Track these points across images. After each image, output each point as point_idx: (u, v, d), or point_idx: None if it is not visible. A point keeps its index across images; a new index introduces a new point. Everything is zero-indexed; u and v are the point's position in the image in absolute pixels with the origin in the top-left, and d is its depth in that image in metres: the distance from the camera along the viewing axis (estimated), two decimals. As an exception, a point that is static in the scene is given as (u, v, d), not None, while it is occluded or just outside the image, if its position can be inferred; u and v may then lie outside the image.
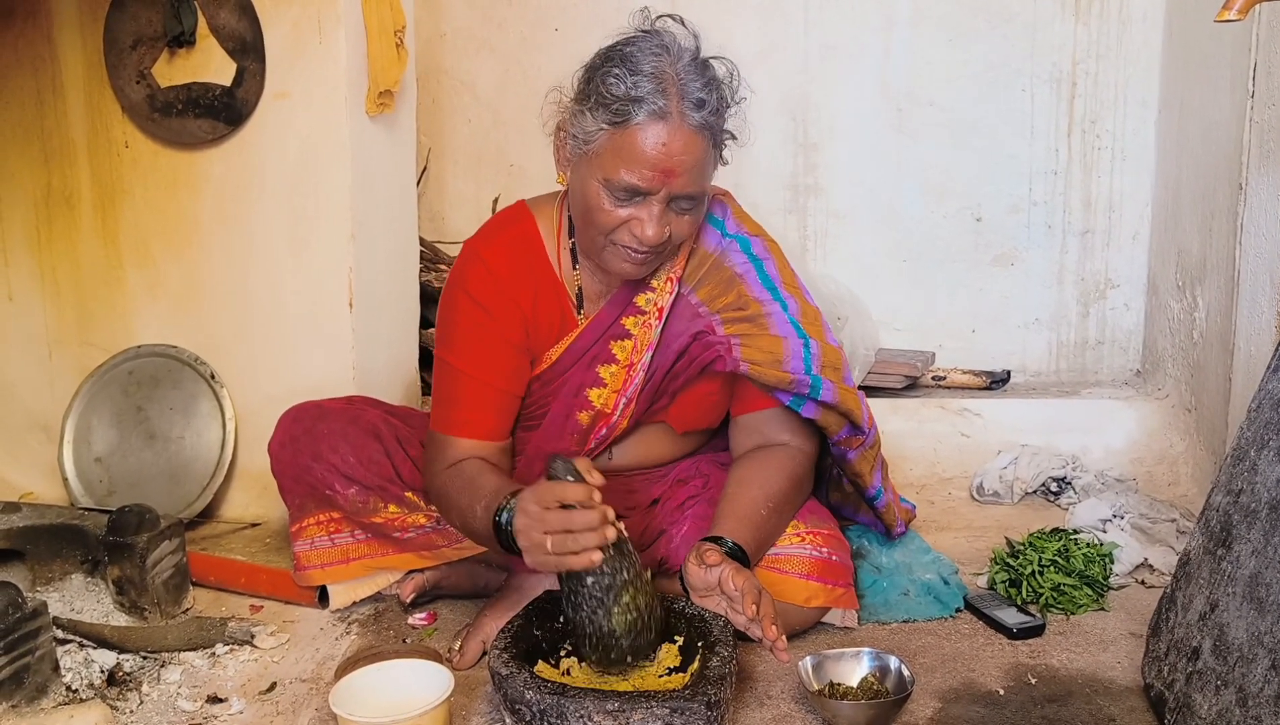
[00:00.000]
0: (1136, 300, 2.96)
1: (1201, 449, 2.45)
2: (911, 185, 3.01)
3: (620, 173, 1.55)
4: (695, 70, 1.57)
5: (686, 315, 1.77)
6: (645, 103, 1.53)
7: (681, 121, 1.54)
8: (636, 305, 1.76)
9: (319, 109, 2.28)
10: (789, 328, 1.76)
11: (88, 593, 1.89)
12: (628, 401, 1.78)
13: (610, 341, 1.76)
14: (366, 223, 2.37)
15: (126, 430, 2.42)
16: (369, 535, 1.90)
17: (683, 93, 1.54)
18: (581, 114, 1.58)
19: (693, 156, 1.55)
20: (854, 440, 1.83)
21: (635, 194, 1.57)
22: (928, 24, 2.94)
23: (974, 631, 1.81)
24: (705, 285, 1.77)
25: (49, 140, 2.44)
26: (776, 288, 1.79)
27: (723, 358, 1.75)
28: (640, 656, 1.52)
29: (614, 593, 1.46)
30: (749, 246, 1.81)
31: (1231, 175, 2.31)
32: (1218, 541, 1.45)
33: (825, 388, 1.75)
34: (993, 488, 2.50)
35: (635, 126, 1.53)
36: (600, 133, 1.56)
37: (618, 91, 1.54)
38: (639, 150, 1.53)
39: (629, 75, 1.54)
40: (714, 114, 1.57)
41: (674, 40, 1.59)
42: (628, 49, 1.58)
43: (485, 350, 1.73)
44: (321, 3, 2.24)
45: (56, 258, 2.48)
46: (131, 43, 2.33)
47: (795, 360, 1.74)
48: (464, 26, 3.12)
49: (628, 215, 1.59)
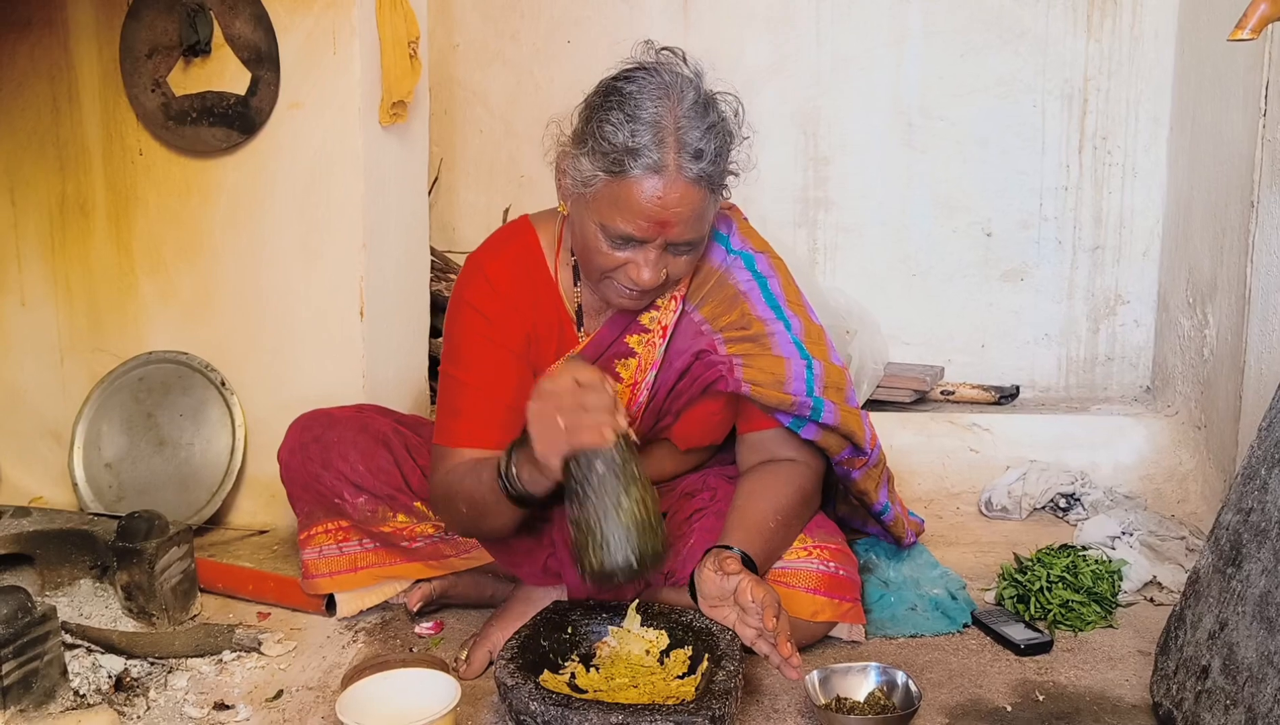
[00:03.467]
0: (1147, 317, 2.96)
1: (1211, 467, 2.44)
2: (922, 199, 3.01)
3: (616, 221, 1.55)
4: (696, 115, 1.54)
5: (689, 333, 1.76)
6: (642, 155, 1.51)
7: (679, 174, 1.52)
8: (640, 323, 1.76)
9: (332, 119, 2.30)
10: (792, 348, 1.76)
11: (96, 598, 1.90)
12: (631, 419, 1.77)
13: (614, 360, 1.76)
14: (378, 232, 2.38)
15: (136, 436, 2.43)
16: (377, 544, 1.90)
17: (681, 144, 1.52)
18: (578, 157, 1.57)
19: (689, 208, 1.54)
20: (856, 461, 1.83)
21: (631, 241, 1.57)
22: (940, 39, 2.94)
23: (981, 647, 1.81)
24: (709, 303, 1.77)
25: (64, 148, 2.45)
26: (780, 306, 1.78)
27: (725, 378, 1.73)
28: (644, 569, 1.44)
29: (624, 481, 1.41)
30: (753, 263, 1.80)
31: (1243, 193, 2.30)
32: (1227, 560, 1.44)
33: (827, 410, 1.74)
34: (1001, 503, 2.49)
35: (631, 179, 1.52)
36: (596, 179, 1.55)
37: (615, 140, 1.52)
38: (634, 202, 1.52)
39: (627, 122, 1.52)
40: (713, 162, 1.54)
41: (676, 80, 1.56)
42: (629, 88, 1.55)
43: (488, 361, 1.73)
44: (336, 14, 2.26)
45: (70, 264, 2.49)
46: (147, 51, 2.34)
47: (798, 382, 1.73)
48: (477, 38, 3.14)
49: (624, 258, 1.59)
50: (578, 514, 1.44)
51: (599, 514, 1.42)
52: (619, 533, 1.41)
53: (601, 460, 1.41)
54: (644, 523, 1.42)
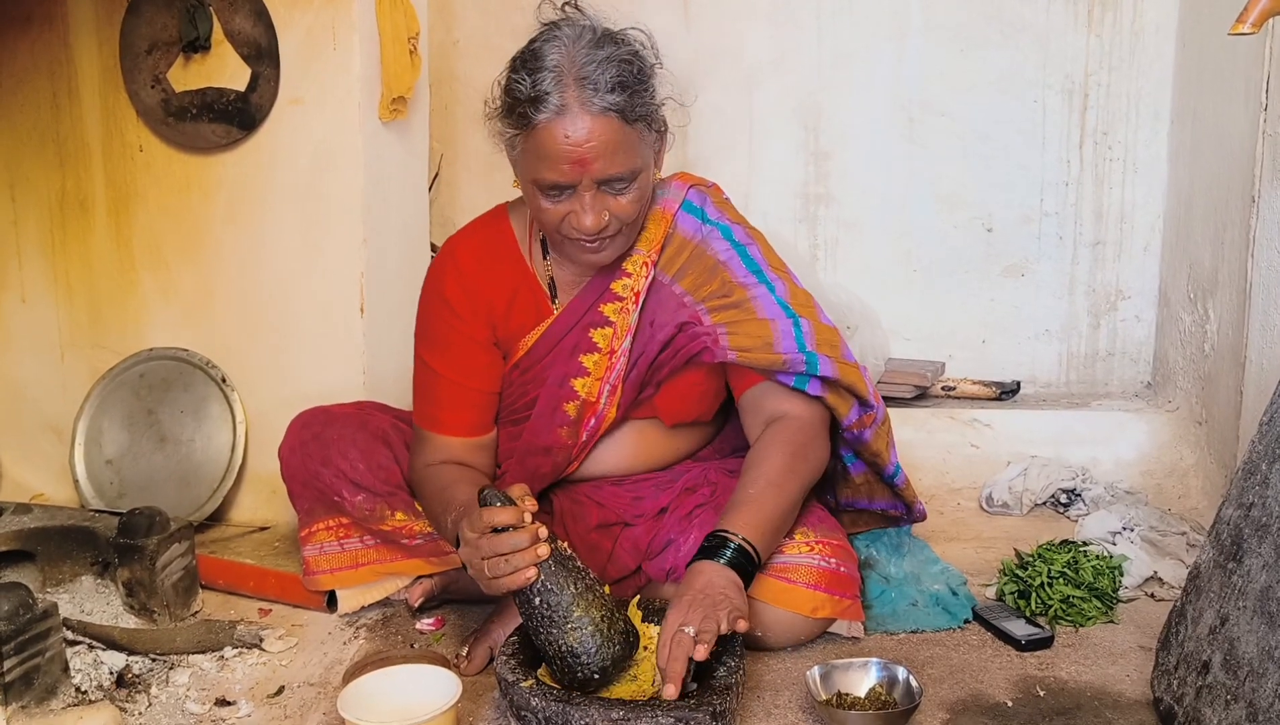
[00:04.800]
0: (1147, 312, 2.96)
1: (1212, 462, 2.44)
2: (923, 195, 3.01)
3: (541, 172, 1.60)
4: (593, 49, 1.58)
5: (671, 306, 1.78)
6: (545, 101, 1.55)
7: (583, 109, 1.55)
8: (614, 292, 1.78)
9: (332, 115, 2.30)
10: (777, 309, 1.77)
11: (97, 594, 1.90)
12: (612, 388, 1.79)
13: (589, 329, 1.79)
14: (378, 228, 2.38)
15: (137, 433, 2.43)
16: (377, 541, 1.90)
17: (580, 79, 1.56)
18: (499, 124, 1.64)
19: (603, 140, 1.57)
20: (865, 418, 1.82)
21: (562, 189, 1.60)
22: (940, 34, 2.94)
23: (982, 643, 1.81)
24: (688, 274, 1.79)
25: (64, 144, 2.45)
26: (762, 271, 1.80)
27: (710, 349, 1.75)
28: (610, 673, 1.50)
29: (562, 610, 1.47)
30: (730, 233, 1.82)
31: (1244, 188, 2.30)
32: (1228, 555, 1.45)
33: (823, 362, 1.74)
34: (1002, 499, 2.49)
35: (539, 126, 1.57)
36: (516, 138, 1.61)
37: (519, 95, 1.58)
38: (548, 148, 1.57)
39: (528, 76, 1.57)
40: (615, 90, 1.57)
41: (575, 28, 1.61)
42: (531, 46, 1.62)
43: (456, 351, 1.80)
44: (336, 10, 2.25)
45: (70, 261, 2.49)
46: (147, 47, 2.34)
47: (787, 340, 1.75)
48: (477, 34, 3.13)
49: (565, 210, 1.63)
50: (535, 640, 1.51)
51: (551, 642, 1.48)
52: (575, 652, 1.47)
53: (535, 593, 1.48)
54: (596, 630, 1.48)
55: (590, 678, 1.48)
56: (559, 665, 1.49)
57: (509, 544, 1.46)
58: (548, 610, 1.47)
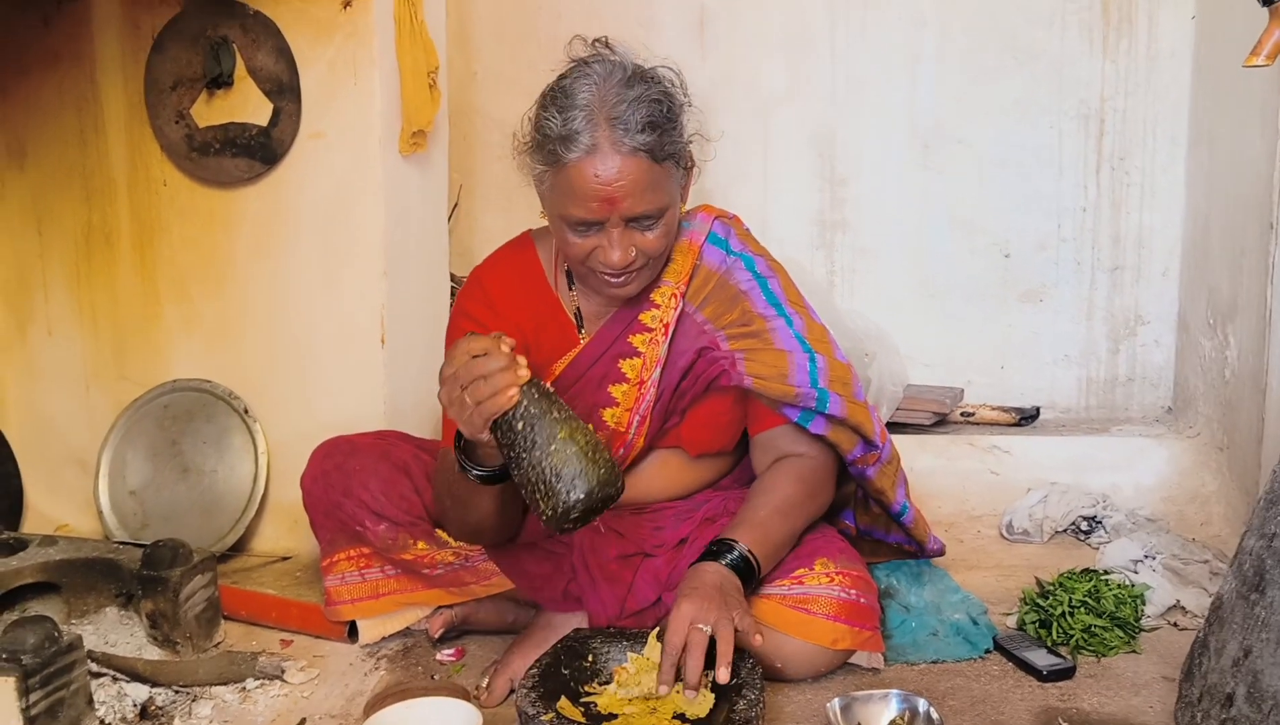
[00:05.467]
0: (1167, 337, 2.95)
1: (1234, 488, 2.43)
2: (939, 221, 3.01)
3: (569, 209, 1.61)
4: (624, 88, 1.59)
5: (692, 333, 1.80)
6: (576, 139, 1.57)
7: (613, 149, 1.57)
8: (642, 322, 1.79)
9: (353, 149, 2.32)
10: (794, 342, 1.79)
11: (121, 626, 1.92)
12: (641, 419, 1.80)
13: (618, 360, 1.79)
14: (399, 260, 2.40)
15: (161, 464, 2.46)
16: (399, 571, 1.91)
17: (611, 119, 1.57)
18: (529, 159, 1.65)
19: (632, 179, 1.58)
20: (869, 457, 1.84)
21: (590, 225, 1.61)
22: (954, 61, 2.95)
23: (1003, 673, 1.80)
24: (710, 303, 1.80)
25: (90, 179, 2.49)
26: (781, 304, 1.82)
27: (727, 373, 1.77)
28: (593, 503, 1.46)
29: (545, 432, 1.44)
30: (753, 265, 1.84)
31: (1262, 213, 2.29)
32: (1250, 586, 1.44)
33: (833, 401, 1.76)
34: (1022, 526, 2.48)
35: (569, 164, 1.58)
36: (546, 173, 1.62)
37: (550, 131, 1.59)
38: (578, 186, 1.58)
39: (559, 113, 1.58)
40: (647, 130, 1.58)
41: (606, 65, 1.62)
42: (562, 82, 1.63)
43: None
44: (357, 45, 2.28)
45: (95, 293, 2.53)
46: (171, 84, 2.38)
47: (800, 373, 1.76)
48: (495, 66, 3.17)
49: (592, 244, 1.64)
50: (518, 475, 1.48)
51: (534, 465, 1.45)
52: (560, 473, 1.44)
53: (518, 418, 1.45)
54: (581, 453, 1.45)
55: (573, 505, 1.44)
56: (541, 493, 1.45)
57: (490, 364, 1.45)
58: (530, 432, 1.44)
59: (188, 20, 2.35)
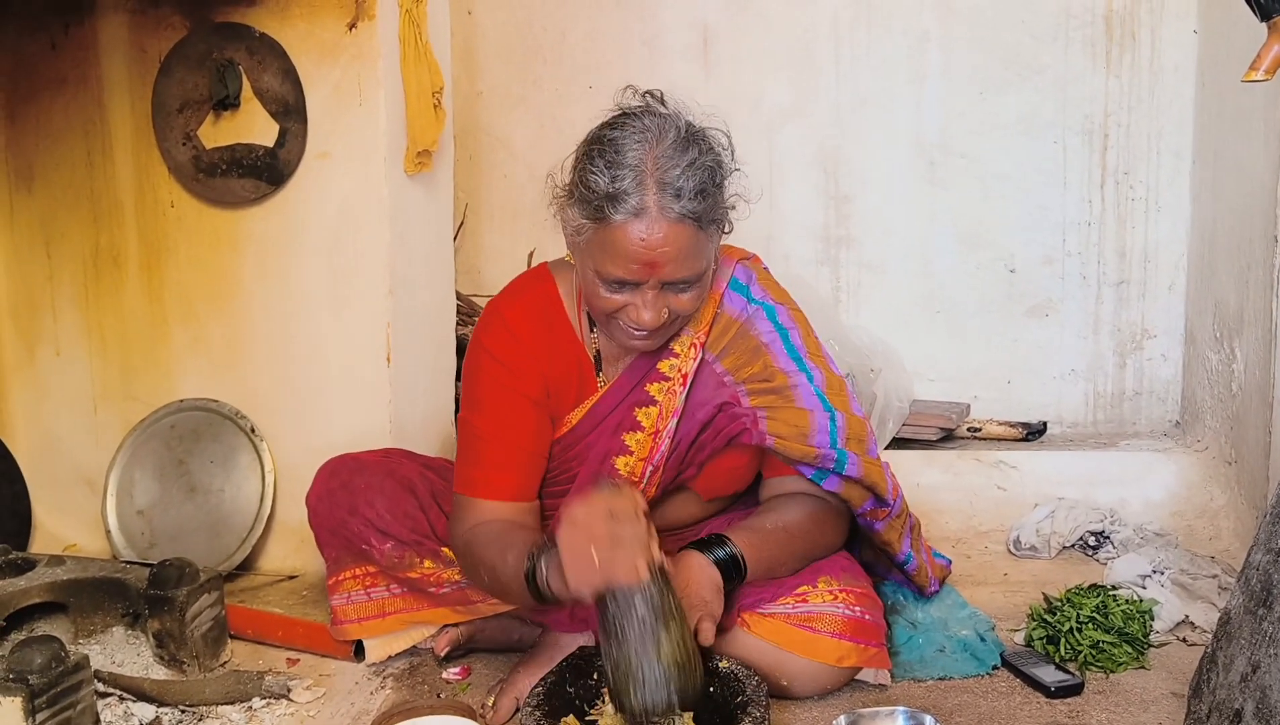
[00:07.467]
0: (1174, 351, 2.94)
1: (1243, 502, 2.42)
2: (944, 236, 3.02)
3: (607, 266, 1.57)
4: (676, 153, 1.55)
5: (711, 384, 1.76)
6: (623, 200, 1.52)
7: (661, 215, 1.53)
8: (660, 371, 1.76)
9: (359, 169, 2.34)
10: (815, 401, 1.76)
11: (128, 645, 1.92)
12: (654, 470, 1.78)
13: (634, 408, 1.77)
14: (404, 279, 2.41)
15: (168, 483, 2.46)
16: (405, 589, 1.91)
17: (661, 184, 1.53)
18: (569, 208, 1.61)
19: (676, 246, 1.54)
20: (879, 512, 1.83)
21: (625, 284, 1.59)
22: (958, 76, 2.96)
23: (1011, 689, 1.79)
24: (730, 354, 1.77)
25: (98, 201, 2.51)
26: (802, 358, 1.79)
27: (749, 431, 1.74)
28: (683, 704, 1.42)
29: (663, 620, 1.38)
30: (775, 315, 1.81)
31: (1266, 227, 2.29)
32: (1258, 601, 1.43)
33: (851, 462, 1.74)
34: (1030, 541, 2.47)
35: (615, 225, 1.54)
36: (586, 227, 1.58)
37: (598, 188, 1.54)
38: (621, 247, 1.54)
39: (608, 169, 1.54)
40: (696, 199, 1.54)
41: (657, 121, 1.58)
42: (611, 135, 1.58)
43: (507, 408, 1.75)
44: (362, 66, 2.30)
45: (103, 314, 2.54)
46: (178, 106, 2.40)
47: (821, 434, 1.74)
48: (500, 84, 3.19)
49: (623, 301, 1.61)
50: (616, 654, 1.41)
51: (639, 655, 1.39)
52: (659, 673, 1.39)
53: (640, 599, 1.38)
54: (683, 663, 1.41)
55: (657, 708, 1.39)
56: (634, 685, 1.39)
57: (629, 533, 1.39)
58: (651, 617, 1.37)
59: (194, 43, 2.37)
